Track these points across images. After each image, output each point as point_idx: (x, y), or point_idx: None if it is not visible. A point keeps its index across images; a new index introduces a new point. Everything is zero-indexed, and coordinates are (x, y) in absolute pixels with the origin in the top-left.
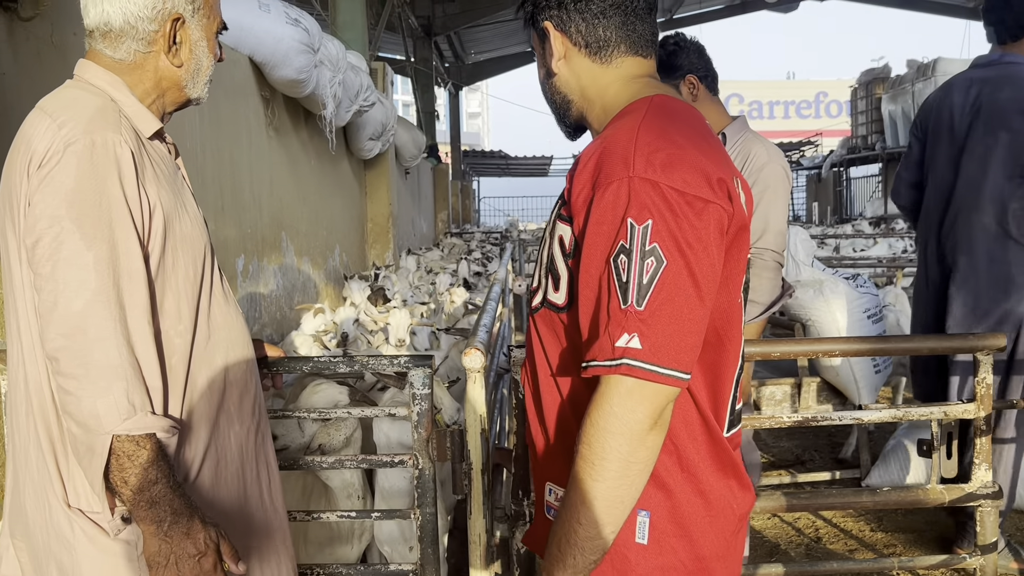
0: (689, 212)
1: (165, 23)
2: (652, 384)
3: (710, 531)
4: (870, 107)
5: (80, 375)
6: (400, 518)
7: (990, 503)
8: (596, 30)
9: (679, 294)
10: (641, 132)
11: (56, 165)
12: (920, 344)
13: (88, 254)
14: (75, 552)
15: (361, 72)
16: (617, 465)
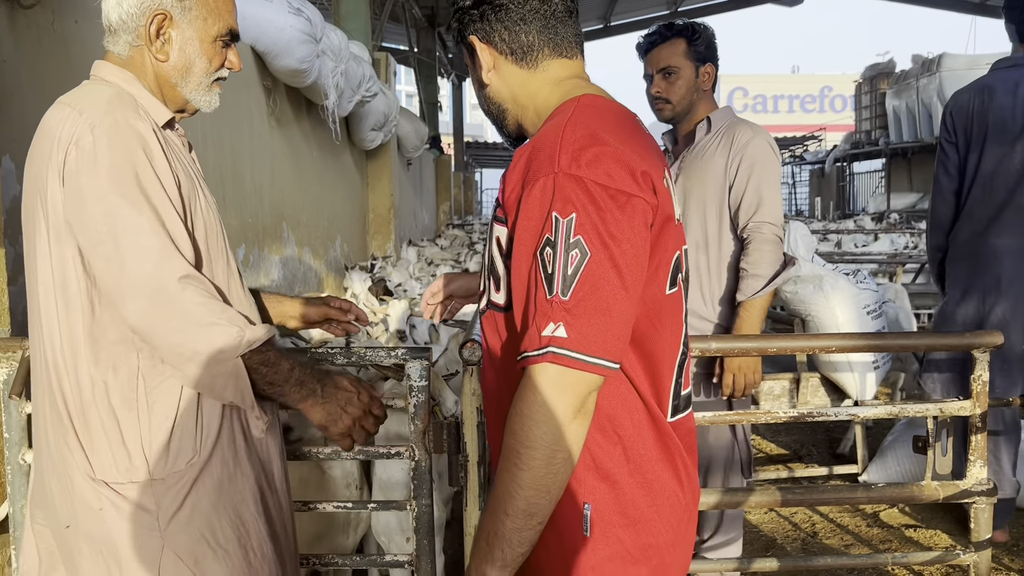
0: (612, 205)
1: (150, 17)
2: (576, 372)
3: (657, 520)
4: (874, 102)
5: (181, 327)
6: (396, 509)
7: (984, 500)
8: (519, 36)
9: (603, 284)
10: (567, 130)
11: (89, 146)
12: (917, 341)
13: (141, 219)
14: (104, 521)
15: (363, 62)
16: (542, 453)
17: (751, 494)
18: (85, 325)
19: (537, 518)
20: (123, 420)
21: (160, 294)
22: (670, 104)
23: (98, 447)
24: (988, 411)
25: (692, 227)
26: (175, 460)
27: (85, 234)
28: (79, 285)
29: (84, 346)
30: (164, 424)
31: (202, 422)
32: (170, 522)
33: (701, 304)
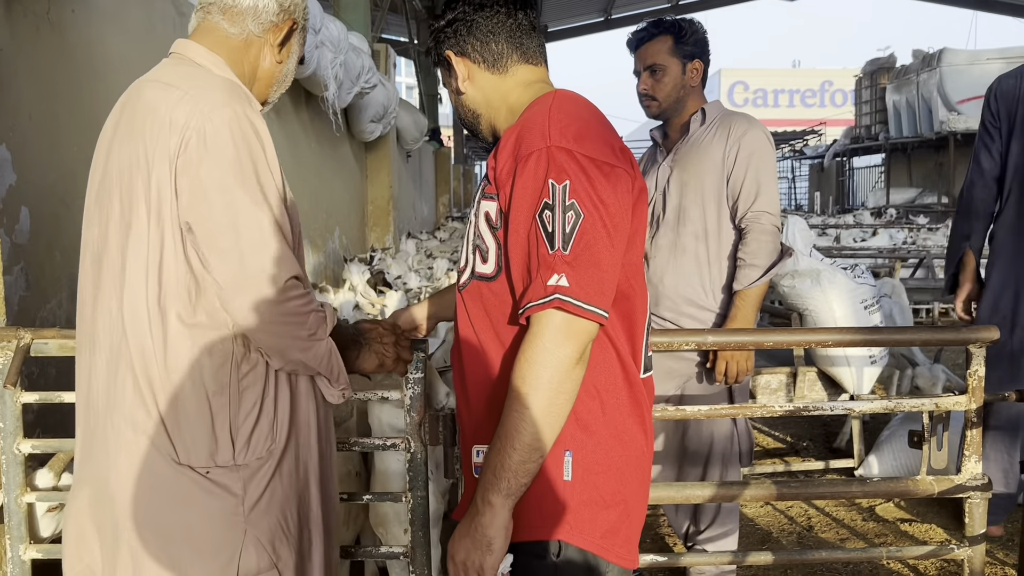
0: (599, 174)
1: (285, 22)
2: (579, 320)
3: (627, 468)
4: (874, 97)
5: (286, 319)
6: (392, 501)
7: (979, 495)
8: (489, 46)
9: (596, 242)
10: (553, 112)
11: (211, 137)
12: (914, 336)
13: (262, 216)
14: (187, 504)
15: (363, 54)
16: (546, 394)
17: (747, 487)
18: (183, 309)
19: (540, 452)
20: (215, 405)
21: (272, 289)
22: (656, 101)
23: (185, 431)
24: (994, 406)
25: (691, 217)
26: (258, 446)
27: (204, 224)
28: (179, 269)
29: (179, 330)
30: (251, 410)
31: (281, 409)
32: (253, 507)
33: (701, 294)
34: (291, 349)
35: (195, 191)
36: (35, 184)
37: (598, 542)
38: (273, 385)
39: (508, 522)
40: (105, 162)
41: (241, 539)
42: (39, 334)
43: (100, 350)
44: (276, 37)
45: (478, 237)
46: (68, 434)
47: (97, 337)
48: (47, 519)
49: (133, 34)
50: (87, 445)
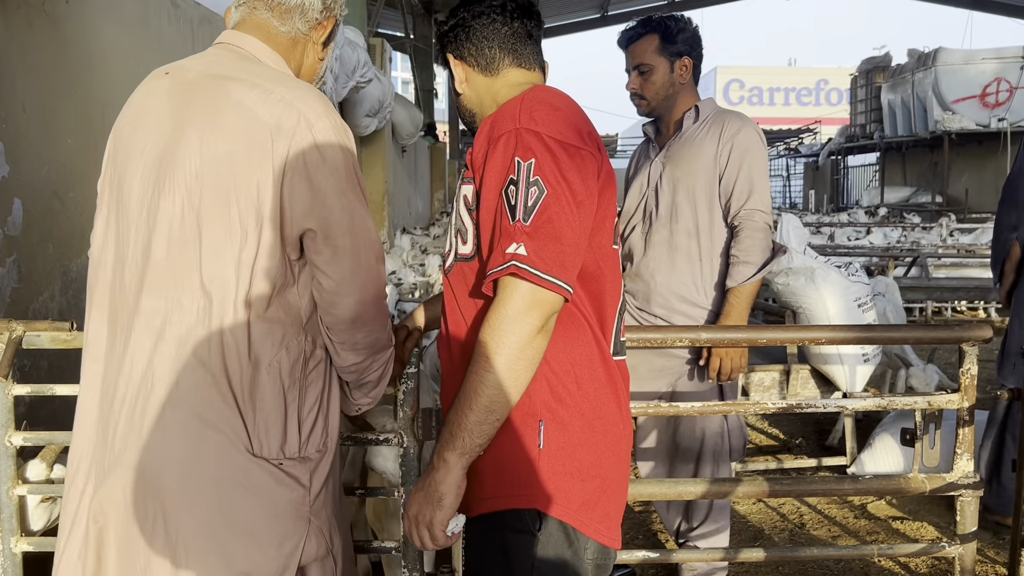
0: (565, 155)
1: (329, 18)
2: (541, 290)
3: (602, 442)
4: (870, 96)
5: (377, 315)
6: (384, 495)
7: (971, 493)
8: (483, 50)
9: (558, 216)
10: (524, 100)
11: (323, 144)
12: (907, 334)
13: (369, 218)
14: (258, 495)
15: (359, 48)
16: (506, 359)
17: (740, 484)
18: (267, 307)
19: (496, 414)
20: (289, 399)
21: (379, 287)
22: (645, 100)
23: (261, 423)
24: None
25: (684, 215)
26: (317, 440)
27: (324, 226)
28: (273, 270)
29: (261, 326)
30: (314, 406)
31: (334, 407)
32: (316, 499)
33: (694, 291)
34: (370, 348)
35: (316, 197)
36: (28, 176)
37: (575, 514)
38: (330, 382)
39: (461, 480)
40: (165, 152)
41: (306, 528)
42: (31, 326)
43: (137, 344)
44: (320, 35)
45: (459, 220)
46: (59, 427)
47: (131, 330)
48: (39, 511)
49: (128, 26)
50: (109, 439)
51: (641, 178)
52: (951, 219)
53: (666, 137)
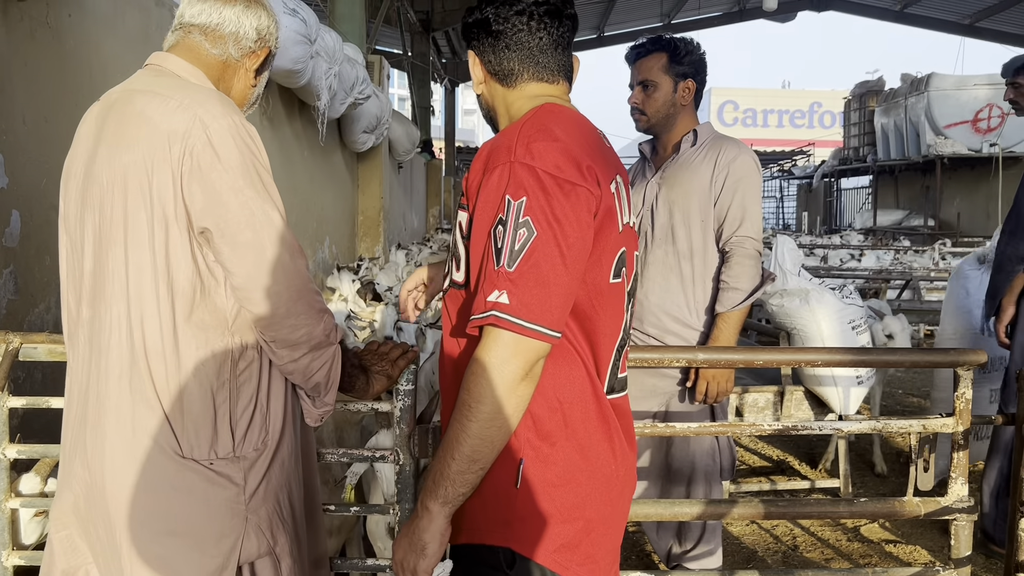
0: (559, 192)
1: (263, 49)
2: (523, 337)
3: (588, 484)
4: (863, 119)
5: (304, 309)
6: (379, 513)
7: (965, 517)
8: (503, 61)
9: (546, 260)
10: (523, 127)
11: (218, 145)
12: (903, 357)
13: (274, 214)
14: (191, 495)
15: (357, 65)
16: (489, 408)
17: (735, 506)
18: (189, 310)
19: (479, 464)
20: (218, 400)
21: (294, 280)
22: (645, 116)
23: (189, 426)
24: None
25: (678, 237)
26: (254, 438)
27: (222, 224)
28: (186, 272)
29: (186, 329)
30: (248, 404)
31: (275, 403)
32: (252, 496)
33: (686, 312)
34: (304, 344)
35: (209, 196)
36: (26, 188)
37: (552, 556)
38: (267, 380)
39: (444, 528)
40: (86, 171)
41: (243, 526)
42: (28, 338)
43: (87, 354)
44: (253, 63)
45: (455, 245)
46: (53, 439)
47: (83, 342)
48: (32, 525)
49: (129, 39)
50: (71, 449)
51: (635, 196)
52: (946, 244)
53: (663, 157)
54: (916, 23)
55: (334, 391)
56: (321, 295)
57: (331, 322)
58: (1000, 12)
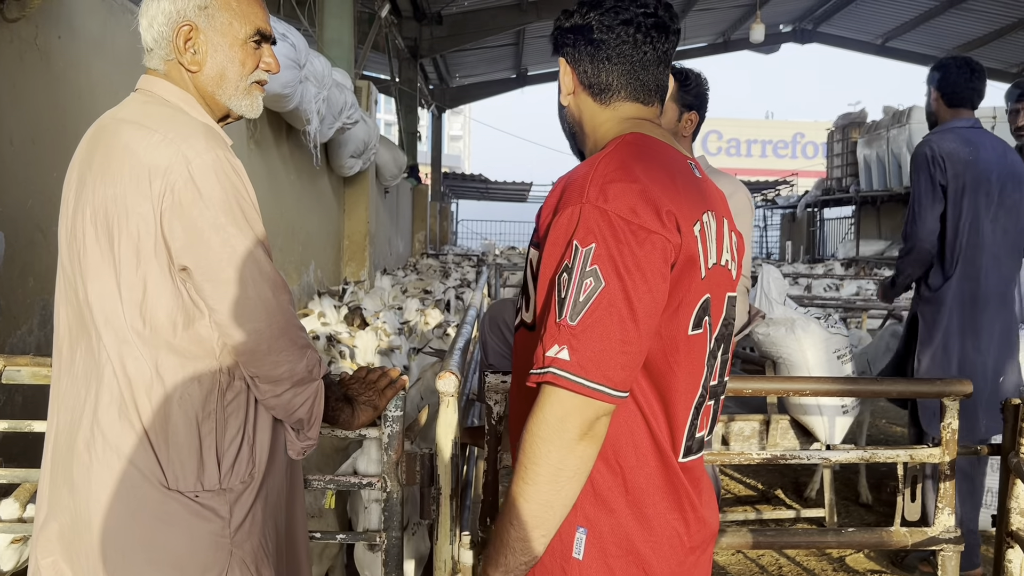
0: (632, 240)
1: (176, 32)
2: (580, 396)
3: (652, 556)
4: (846, 150)
5: (288, 347)
6: (365, 540)
7: (952, 547)
8: (600, 75)
9: (612, 314)
10: (600, 164)
11: (199, 181)
12: (889, 387)
13: (257, 249)
14: (175, 527)
15: (346, 90)
16: (548, 471)
17: (721, 535)
18: (176, 342)
19: (540, 530)
20: (203, 431)
21: (277, 316)
22: None
23: (174, 457)
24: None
25: None
26: (241, 470)
27: (203, 261)
28: (168, 304)
29: (170, 361)
30: (235, 436)
31: (261, 435)
32: (237, 530)
33: None
34: (286, 380)
35: (190, 233)
36: (12, 209)
37: None
38: (254, 412)
39: None
40: (76, 200)
41: (227, 560)
42: (12, 361)
43: (78, 382)
44: (177, 51)
45: (524, 283)
46: (32, 464)
47: (75, 369)
48: (10, 551)
49: (118, 60)
50: (56, 477)
51: None
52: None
53: None
54: (897, 56)
55: (317, 426)
56: (305, 331)
57: (314, 358)
58: (980, 47)
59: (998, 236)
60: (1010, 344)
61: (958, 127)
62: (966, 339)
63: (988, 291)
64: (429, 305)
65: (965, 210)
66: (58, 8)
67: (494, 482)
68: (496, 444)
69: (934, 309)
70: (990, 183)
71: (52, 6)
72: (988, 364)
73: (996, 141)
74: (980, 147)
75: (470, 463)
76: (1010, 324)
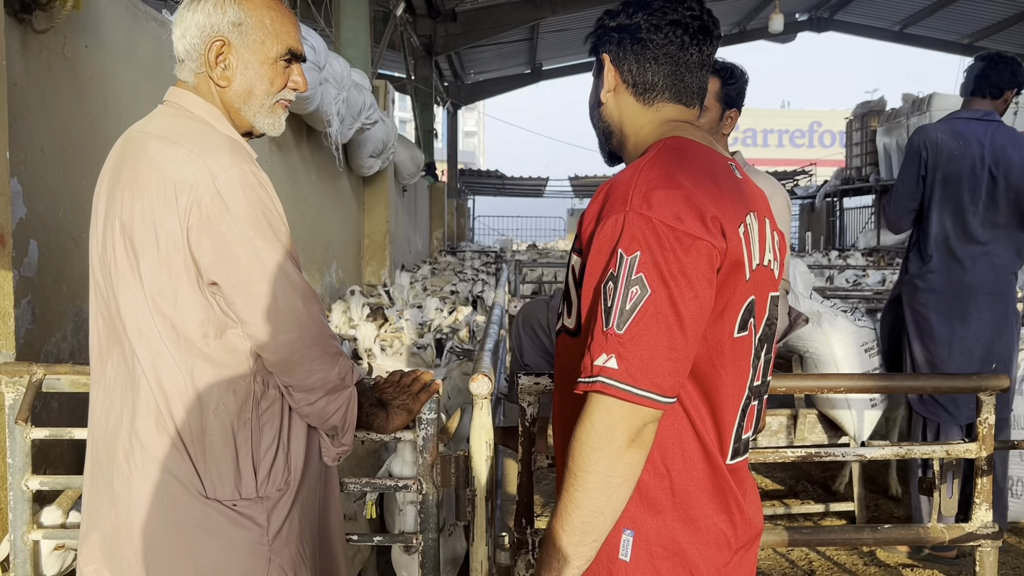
0: (677, 247)
1: (208, 46)
2: (628, 403)
3: (699, 558)
4: (865, 139)
5: (320, 356)
6: (402, 543)
7: (990, 543)
8: (646, 74)
9: (659, 322)
10: (643, 170)
11: (227, 196)
12: (925, 383)
13: (286, 262)
14: (215, 536)
15: (364, 90)
16: (597, 478)
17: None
18: (209, 352)
19: (591, 536)
20: (239, 440)
21: (308, 327)
22: None
23: (212, 466)
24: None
25: None
26: (277, 478)
27: (233, 275)
28: (197, 317)
29: (204, 370)
30: (271, 444)
31: (296, 443)
32: (275, 538)
33: None
34: (319, 388)
35: (218, 247)
36: (44, 217)
37: None
38: (288, 420)
39: None
40: (106, 212)
41: (266, 568)
42: (52, 370)
43: (113, 392)
44: (209, 65)
45: (567, 289)
46: (70, 469)
47: (105, 381)
48: (52, 557)
49: (143, 68)
50: (97, 487)
51: None
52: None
53: None
54: (915, 43)
55: (351, 433)
56: (337, 339)
57: (347, 365)
58: (999, 32)
59: (987, 229)
60: (1004, 334)
61: (958, 117)
62: (954, 327)
63: (976, 282)
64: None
65: (944, 201)
66: (84, 18)
67: (528, 483)
68: (530, 446)
69: (911, 292)
70: (976, 177)
71: (79, 16)
72: (976, 352)
73: (1000, 135)
74: (970, 141)
75: (497, 462)
76: (1006, 315)
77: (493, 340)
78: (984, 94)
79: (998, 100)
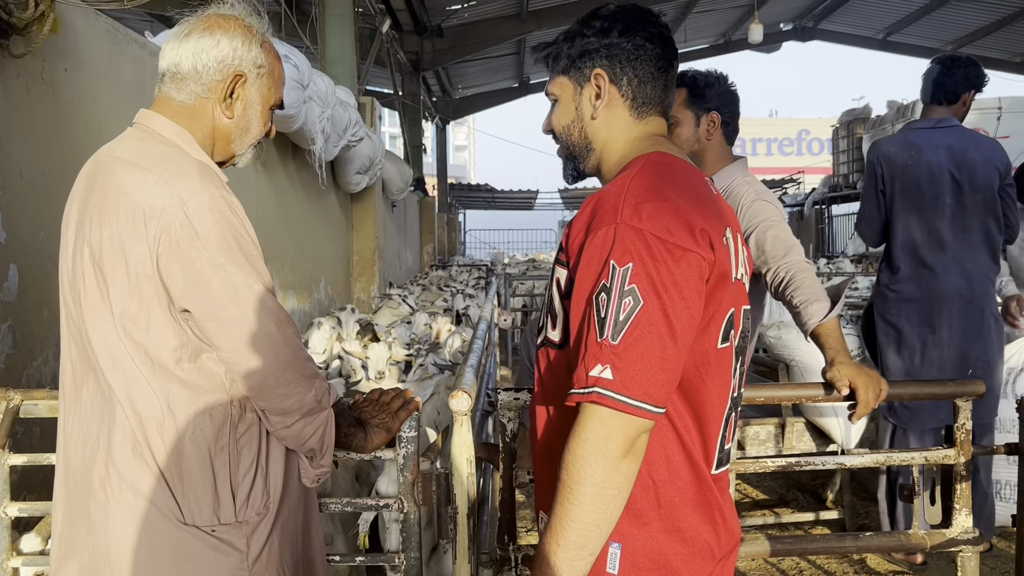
0: (668, 258)
1: (228, 76)
2: (623, 414)
3: (685, 570)
4: (851, 146)
5: (294, 378)
6: (384, 563)
7: (971, 548)
8: (646, 88)
9: (652, 332)
10: (632, 184)
11: (196, 222)
12: (902, 390)
13: (258, 285)
14: (194, 562)
15: (350, 107)
16: (592, 490)
17: (743, 543)
18: (184, 377)
19: (587, 550)
20: (217, 465)
21: (282, 350)
22: None
23: (189, 491)
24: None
25: None
26: (256, 502)
27: (204, 301)
28: (169, 343)
29: (180, 395)
30: (249, 469)
31: (274, 466)
32: (255, 562)
33: None
34: (295, 411)
35: (189, 274)
36: (25, 241)
37: None
38: (266, 443)
39: None
40: (75, 238)
41: None
42: (29, 395)
43: (89, 419)
44: (222, 94)
45: (551, 301)
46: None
47: (80, 407)
48: None
49: (124, 90)
50: (72, 515)
51: None
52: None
53: None
54: (899, 50)
55: (330, 454)
56: (312, 361)
57: (323, 387)
58: (982, 37)
59: (958, 235)
60: (982, 340)
61: (912, 128)
62: (925, 334)
63: (948, 288)
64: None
65: (907, 211)
66: (63, 41)
67: (510, 500)
68: (511, 461)
69: (883, 303)
70: (936, 184)
71: (57, 40)
72: (949, 358)
73: (959, 138)
74: (923, 149)
75: (486, 477)
76: (980, 320)
77: (477, 356)
78: (940, 100)
79: (956, 104)
